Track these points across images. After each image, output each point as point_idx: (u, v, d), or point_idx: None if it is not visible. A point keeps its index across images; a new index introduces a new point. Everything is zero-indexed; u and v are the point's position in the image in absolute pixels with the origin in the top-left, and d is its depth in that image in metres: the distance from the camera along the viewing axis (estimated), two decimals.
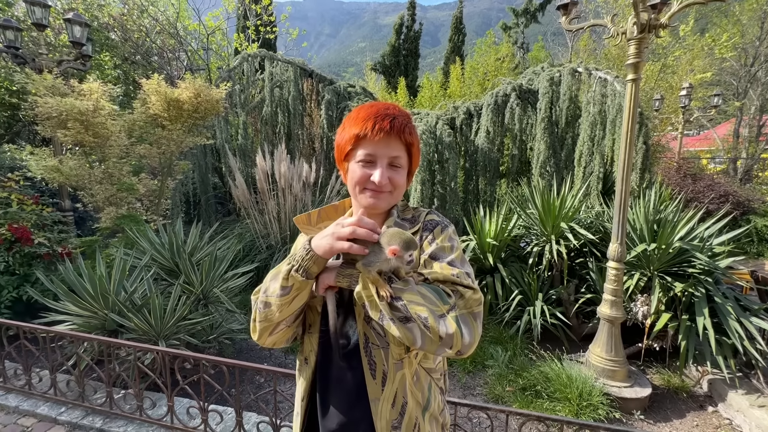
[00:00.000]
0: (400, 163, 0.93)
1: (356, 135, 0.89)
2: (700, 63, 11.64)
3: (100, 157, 4.03)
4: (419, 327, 0.78)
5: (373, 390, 0.89)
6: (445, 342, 0.78)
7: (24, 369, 2.70)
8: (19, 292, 3.56)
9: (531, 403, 2.86)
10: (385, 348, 0.89)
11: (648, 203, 3.78)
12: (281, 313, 0.89)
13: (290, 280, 0.85)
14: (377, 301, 0.80)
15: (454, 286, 0.85)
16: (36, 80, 3.75)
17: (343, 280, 0.85)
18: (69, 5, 7.83)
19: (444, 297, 0.82)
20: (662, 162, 9.10)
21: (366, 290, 0.81)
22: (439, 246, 0.92)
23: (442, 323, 0.78)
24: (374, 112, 0.90)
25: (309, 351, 0.98)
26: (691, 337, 3.06)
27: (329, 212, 1.04)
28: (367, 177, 0.91)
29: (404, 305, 0.79)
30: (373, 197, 0.92)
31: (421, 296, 0.80)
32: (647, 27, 2.70)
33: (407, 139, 0.91)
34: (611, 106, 4.73)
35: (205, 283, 3.22)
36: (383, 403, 0.88)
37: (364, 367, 0.89)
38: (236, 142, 6.48)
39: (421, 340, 0.79)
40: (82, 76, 6.43)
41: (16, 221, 3.68)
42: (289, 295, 0.86)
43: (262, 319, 0.92)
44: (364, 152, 0.90)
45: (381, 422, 0.88)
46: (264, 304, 0.90)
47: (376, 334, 0.90)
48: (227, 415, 2.46)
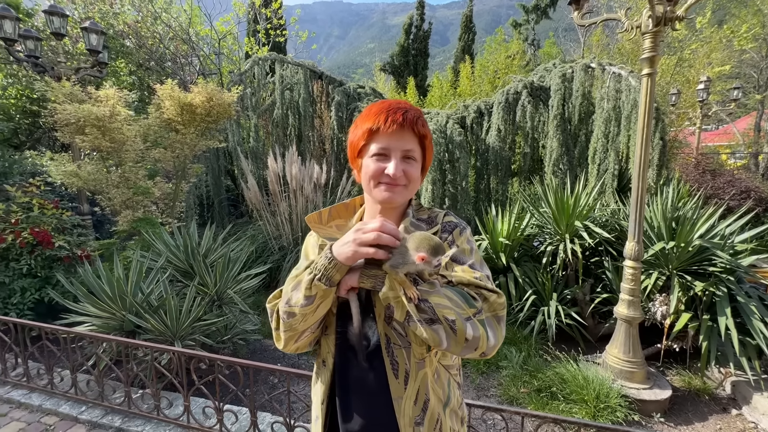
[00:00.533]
0: (414, 156, 0.92)
1: (369, 129, 0.90)
2: (719, 55, 11.31)
3: (116, 162, 4.13)
4: (445, 329, 0.79)
5: (395, 389, 0.89)
6: (470, 344, 0.80)
7: (46, 369, 2.77)
8: (41, 294, 3.66)
9: (546, 405, 2.81)
10: (406, 348, 0.89)
11: (666, 200, 3.69)
12: (306, 322, 0.90)
13: (314, 289, 0.84)
14: (405, 302, 0.80)
15: (478, 289, 0.86)
16: (55, 88, 3.86)
17: (368, 281, 0.84)
18: (85, 14, 8.03)
19: (470, 300, 0.83)
20: (680, 158, 8.87)
21: (393, 292, 0.80)
22: (460, 248, 0.94)
23: (469, 326, 0.80)
24: (386, 107, 0.90)
25: (326, 353, 0.97)
26: (713, 338, 2.97)
27: (340, 210, 1.04)
28: (381, 170, 0.90)
29: (431, 307, 0.79)
30: (387, 191, 0.91)
31: (448, 299, 0.81)
32: (663, 20, 2.63)
33: (420, 131, 0.91)
34: (626, 101, 4.63)
35: (219, 284, 3.26)
36: (406, 401, 0.89)
37: (387, 367, 0.89)
38: (248, 144, 6.56)
39: (447, 342, 0.80)
40: (98, 82, 6.59)
41: (38, 225, 3.79)
42: (314, 303, 0.86)
43: (287, 329, 0.92)
44: (378, 146, 0.90)
45: (404, 419, 0.88)
46: (288, 314, 0.90)
47: (397, 334, 0.90)
48: (242, 415, 2.49)
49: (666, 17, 2.63)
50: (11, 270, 3.60)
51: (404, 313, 0.81)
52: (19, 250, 3.64)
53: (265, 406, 2.77)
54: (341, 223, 1.01)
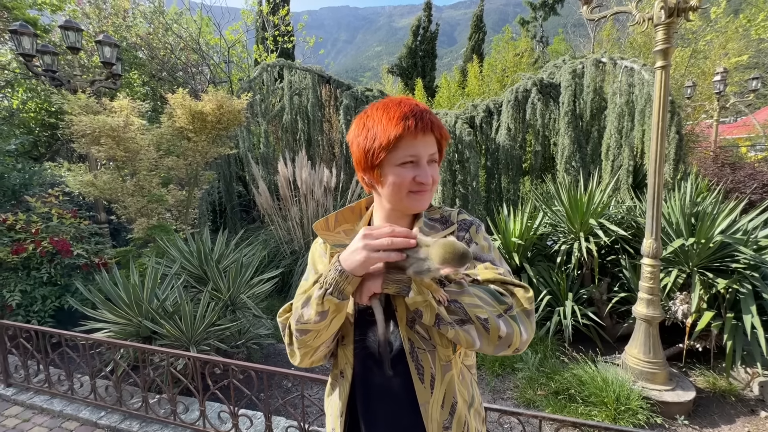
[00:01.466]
0: (436, 159, 0.91)
1: (398, 136, 0.82)
2: (735, 46, 11.02)
3: (131, 171, 4.22)
4: (478, 328, 0.79)
5: (422, 394, 0.87)
6: (504, 341, 0.80)
7: (66, 375, 2.83)
8: (61, 301, 3.75)
9: (564, 408, 2.75)
10: (431, 351, 0.88)
11: (684, 196, 3.58)
12: (321, 338, 0.88)
13: (326, 305, 0.82)
14: (434, 305, 0.79)
15: (504, 285, 0.86)
16: (71, 100, 3.96)
17: (392, 286, 0.81)
18: (100, 28, 8.26)
19: (499, 297, 0.83)
20: (697, 152, 8.64)
21: (422, 296, 0.79)
22: (479, 246, 0.93)
23: (502, 323, 0.80)
24: (409, 111, 0.84)
25: (344, 364, 0.95)
26: (738, 337, 2.86)
27: (346, 215, 1.02)
28: (413, 179, 0.87)
29: (462, 308, 0.79)
30: (419, 199, 0.89)
31: (478, 298, 0.80)
32: (676, 10, 2.56)
33: (442, 134, 0.89)
34: (639, 95, 4.53)
35: (233, 289, 3.29)
36: (433, 406, 0.87)
37: (412, 372, 0.87)
38: (258, 150, 6.63)
39: (480, 341, 0.80)
40: (113, 94, 6.76)
41: (57, 234, 3.89)
42: (327, 319, 0.84)
43: (301, 345, 0.90)
44: (407, 153, 0.85)
45: (432, 425, 0.86)
46: (301, 332, 0.87)
47: (421, 338, 0.88)
48: (257, 419, 2.50)
49: (679, 8, 2.56)
50: (32, 278, 3.70)
51: (434, 317, 0.79)
52: (39, 259, 3.74)
53: (280, 411, 2.77)
54: (349, 228, 0.99)
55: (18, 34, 4.35)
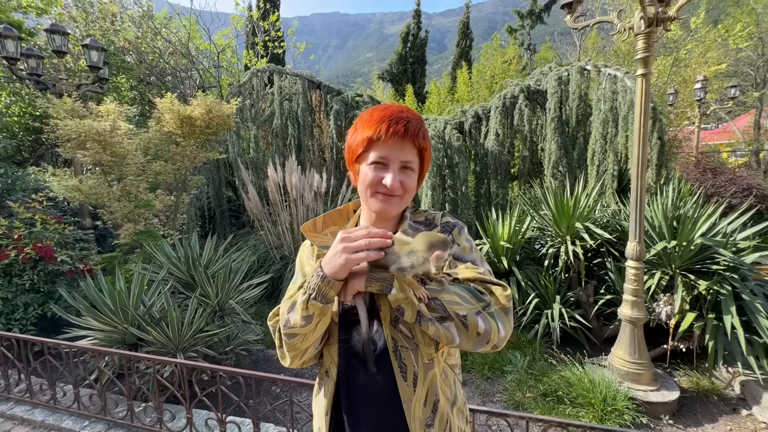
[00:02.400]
0: (412, 167, 0.92)
1: (369, 137, 0.88)
2: (714, 55, 11.37)
3: (117, 176, 4.16)
4: (457, 325, 0.81)
5: (405, 392, 0.89)
6: (482, 338, 0.82)
7: (49, 384, 2.76)
8: (44, 309, 3.67)
9: (553, 409, 2.78)
10: (414, 350, 0.89)
11: (666, 200, 3.68)
12: (308, 341, 0.90)
13: (310, 309, 0.84)
14: (415, 302, 0.81)
15: (484, 284, 0.89)
16: (57, 104, 3.91)
17: (375, 284, 0.84)
18: (87, 32, 8.17)
19: (478, 295, 0.85)
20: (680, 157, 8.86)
21: (403, 293, 0.81)
22: (461, 247, 0.96)
23: (480, 320, 0.82)
24: (388, 115, 0.88)
25: (329, 363, 0.96)
26: (719, 337, 2.94)
27: (334, 217, 1.04)
28: (379, 180, 0.90)
29: (442, 305, 0.81)
30: (383, 201, 0.91)
31: (458, 295, 0.83)
32: (655, 21, 2.65)
33: (421, 143, 0.90)
34: (623, 102, 4.65)
35: (221, 294, 3.26)
36: (416, 404, 0.89)
37: (395, 370, 0.89)
38: (248, 155, 6.60)
39: (459, 338, 0.82)
40: (99, 98, 6.68)
41: (40, 240, 3.81)
42: (312, 323, 0.86)
43: (290, 348, 0.92)
44: (377, 155, 0.89)
45: (415, 423, 0.88)
46: (288, 335, 0.90)
47: (404, 337, 0.90)
48: (245, 426, 2.47)
49: (658, 18, 2.65)
50: (14, 285, 3.61)
51: (415, 314, 0.81)
52: (21, 265, 3.66)
53: (268, 417, 2.74)
54: (336, 230, 1.00)
55: (2, 37, 4.29)
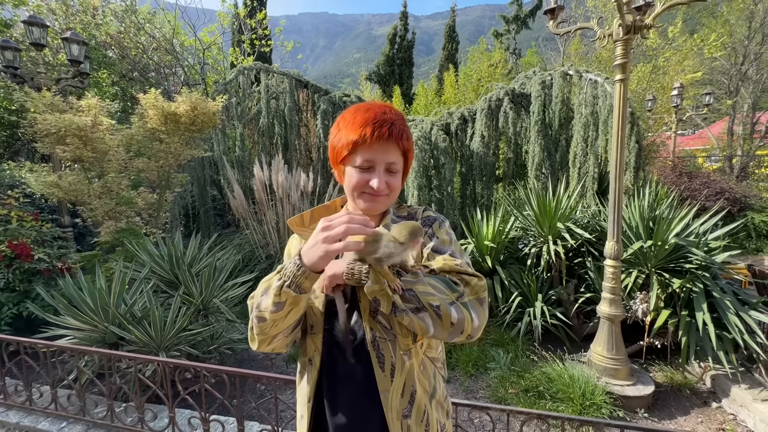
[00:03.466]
0: (397, 168, 0.95)
1: (354, 141, 0.89)
2: (691, 63, 11.80)
3: (98, 172, 4.07)
4: (431, 315, 0.82)
5: (382, 382, 0.90)
6: (456, 327, 0.84)
7: (25, 385, 2.69)
8: (20, 308, 3.56)
9: (534, 405, 2.85)
10: (392, 340, 0.91)
11: (643, 201, 3.81)
12: (277, 327, 0.89)
13: (282, 296, 0.83)
14: (390, 294, 0.82)
15: (459, 275, 0.90)
16: (35, 98, 3.80)
17: (352, 277, 0.85)
18: (67, 25, 7.95)
19: (452, 285, 0.87)
20: (658, 161, 9.16)
21: (378, 285, 0.82)
22: (440, 240, 0.99)
23: (453, 310, 0.83)
24: (372, 117, 0.89)
25: (313, 351, 0.98)
26: (692, 333, 3.06)
27: (321, 212, 1.05)
28: (365, 182, 0.92)
29: (415, 296, 0.83)
30: (370, 201, 0.95)
31: (432, 286, 0.84)
32: (632, 28, 2.76)
33: (404, 145, 0.93)
34: (603, 107, 4.79)
35: (205, 293, 3.23)
36: (393, 394, 0.90)
37: (373, 360, 0.91)
38: (234, 153, 6.53)
39: (434, 328, 0.83)
40: (80, 93, 6.51)
41: (16, 238, 3.70)
42: (284, 310, 0.85)
43: (258, 332, 0.91)
44: (362, 158, 0.91)
45: (392, 413, 0.89)
46: (258, 318, 0.89)
47: (382, 328, 0.91)
48: (229, 425, 2.45)
49: (635, 26, 2.75)
50: None
51: (390, 305, 0.83)
52: None
53: (253, 415, 2.73)
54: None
55: None
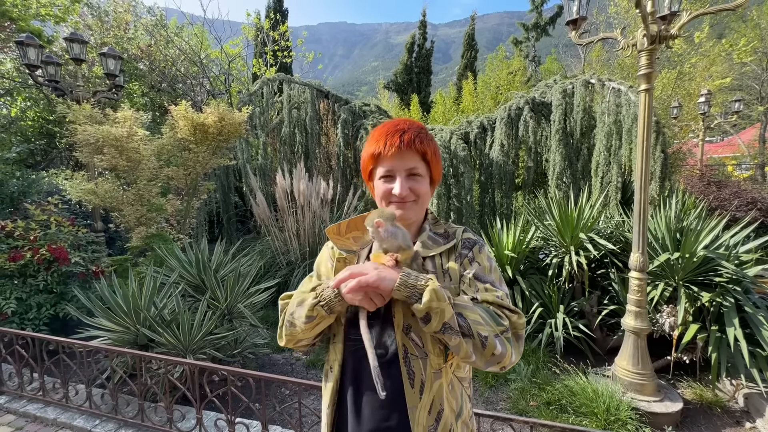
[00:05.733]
0: (419, 172, 0.99)
1: (372, 154, 0.99)
2: (718, 69, 11.46)
3: (130, 180, 4.27)
4: (476, 344, 0.86)
5: (411, 398, 0.92)
6: (495, 359, 0.88)
7: (62, 383, 2.83)
8: (56, 309, 3.75)
9: (556, 418, 2.80)
10: (423, 358, 0.93)
11: (669, 212, 3.72)
12: (305, 334, 0.99)
13: (315, 312, 0.93)
14: (451, 312, 0.85)
15: (501, 309, 0.94)
16: (76, 110, 4.03)
17: (403, 291, 0.86)
18: (101, 39, 8.39)
19: (497, 319, 0.91)
20: (684, 170, 8.89)
21: (441, 302, 0.84)
22: (482, 266, 1.00)
23: (498, 343, 0.88)
24: (385, 131, 0.98)
25: (333, 360, 1.02)
26: (723, 349, 2.96)
27: (357, 223, 1.09)
28: (389, 191, 0.99)
29: (466, 323, 0.86)
30: (399, 208, 0.99)
31: (480, 316, 0.89)
32: (657, 38, 2.73)
33: (420, 148, 0.97)
34: (626, 115, 4.72)
35: (230, 298, 3.32)
36: (420, 411, 0.92)
37: (403, 376, 0.92)
38: (256, 162, 6.72)
39: (476, 355, 0.87)
40: (114, 104, 6.84)
41: (55, 242, 3.90)
42: (313, 323, 0.95)
43: (287, 333, 1.03)
44: (383, 169, 1.00)
45: (418, 429, 0.91)
46: (290, 323, 1.00)
47: (415, 345, 0.93)
48: (253, 428, 2.51)
49: (660, 36, 2.73)
50: (28, 286, 3.70)
51: (441, 324, 0.85)
52: (36, 266, 3.75)
53: (275, 419, 2.79)
54: (358, 235, 1.07)
55: (24, 45, 4.44)
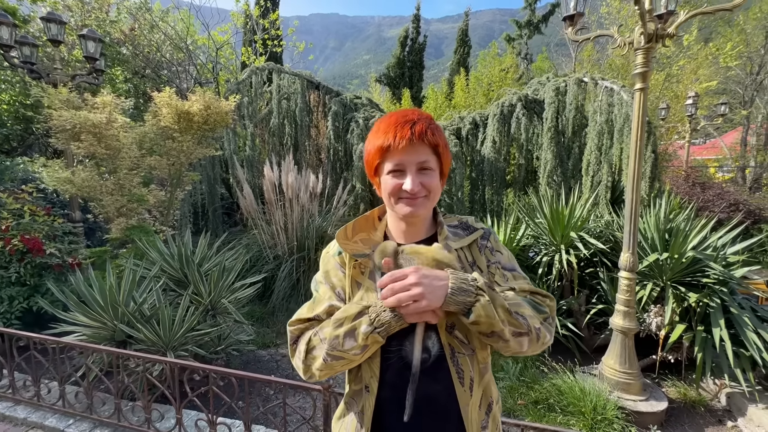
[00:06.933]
0: (430, 166, 0.91)
1: (380, 147, 0.89)
2: (705, 72, 11.64)
3: (110, 169, 4.09)
4: (533, 338, 0.87)
5: (462, 397, 0.89)
6: (543, 345, 0.90)
7: (33, 380, 2.70)
8: (29, 303, 3.58)
9: (544, 417, 2.79)
10: (470, 355, 0.91)
11: (658, 212, 3.74)
12: (352, 364, 0.90)
13: (370, 340, 0.84)
14: (502, 328, 0.82)
15: (534, 295, 0.94)
16: (51, 94, 3.83)
17: (453, 305, 0.81)
18: (82, 21, 8.04)
19: (539, 307, 0.91)
20: (670, 171, 9.03)
21: (490, 318, 0.80)
22: (504, 255, 1.00)
23: (546, 331, 0.90)
24: (393, 121, 0.89)
25: (369, 378, 0.92)
26: (708, 349, 2.99)
27: (361, 224, 1.02)
28: (399, 186, 0.90)
29: (525, 320, 0.86)
30: (409, 205, 0.91)
31: (529, 310, 0.88)
32: (654, 37, 2.71)
33: (431, 141, 0.89)
34: (618, 115, 4.72)
35: (214, 293, 3.22)
36: (472, 408, 0.90)
37: (453, 376, 0.89)
38: (244, 153, 6.55)
39: (529, 346, 0.88)
40: (95, 89, 6.56)
41: (28, 232, 3.72)
42: (366, 351, 0.87)
43: (325, 368, 0.89)
44: (392, 163, 0.90)
45: (472, 427, 0.89)
46: (333, 357, 0.86)
47: (460, 342, 0.90)
48: (235, 428, 2.43)
49: (657, 34, 2.71)
50: (0, 278, 3.52)
51: (490, 331, 0.83)
52: (8, 257, 3.56)
53: (259, 419, 2.71)
54: (365, 237, 1.00)
55: None
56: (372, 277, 0.94)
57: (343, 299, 0.96)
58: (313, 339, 0.90)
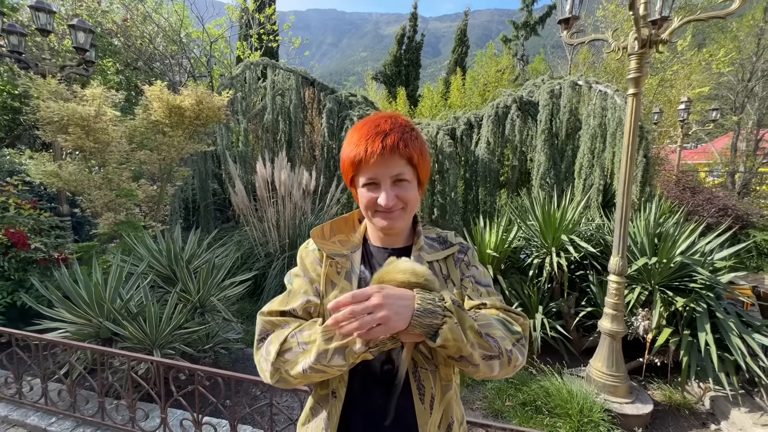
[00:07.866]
0: (405, 178, 0.87)
1: (351, 162, 0.87)
2: (698, 77, 11.77)
3: (99, 163, 4.02)
4: (503, 361, 0.81)
5: (422, 415, 0.86)
6: (515, 368, 0.84)
7: (15, 377, 2.64)
8: (13, 297, 3.51)
9: (531, 419, 2.81)
10: (433, 371, 0.87)
11: (648, 216, 3.77)
12: (329, 377, 0.85)
13: (360, 358, 0.78)
14: (470, 351, 0.76)
15: (507, 313, 0.89)
16: (39, 84, 3.75)
17: (419, 329, 0.74)
18: (73, 11, 7.89)
19: (510, 327, 0.86)
20: (661, 175, 9.13)
21: (458, 342, 0.74)
22: (479, 270, 0.97)
23: (518, 352, 0.84)
24: (365, 133, 0.84)
25: (338, 384, 0.89)
26: (693, 353, 3.02)
27: (340, 225, 1.01)
28: (375, 200, 0.87)
29: (496, 342, 0.80)
30: (385, 219, 0.88)
31: (501, 331, 0.83)
32: (648, 42, 2.72)
33: (404, 153, 0.84)
34: (611, 119, 4.75)
35: (203, 291, 3.18)
36: (431, 427, 0.86)
37: (413, 392, 0.86)
38: (237, 149, 6.49)
39: (500, 370, 0.82)
40: (85, 81, 6.45)
41: (13, 226, 3.65)
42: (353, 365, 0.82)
43: (302, 378, 0.82)
44: (366, 177, 0.87)
45: None
46: (314, 370, 0.79)
47: (424, 358, 0.87)
48: (221, 428, 2.41)
49: (651, 40, 2.71)
50: None
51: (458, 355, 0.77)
52: None
53: (246, 419, 2.69)
54: (343, 239, 0.98)
55: None
56: (348, 278, 0.91)
57: (319, 295, 0.92)
58: (290, 340, 0.82)
